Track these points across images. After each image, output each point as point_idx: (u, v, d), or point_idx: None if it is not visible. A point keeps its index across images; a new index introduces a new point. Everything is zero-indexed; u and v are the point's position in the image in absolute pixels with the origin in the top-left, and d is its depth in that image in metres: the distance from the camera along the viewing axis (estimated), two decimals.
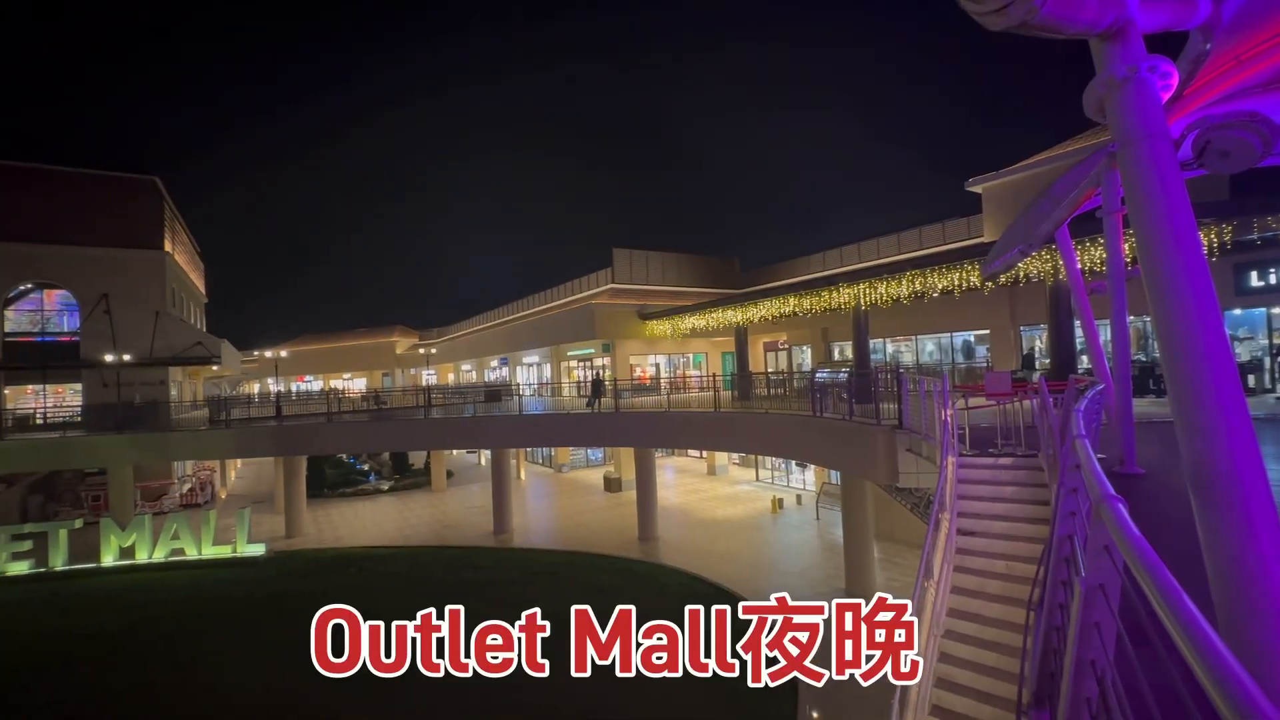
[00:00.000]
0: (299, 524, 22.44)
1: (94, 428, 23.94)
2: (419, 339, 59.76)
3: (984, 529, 7.30)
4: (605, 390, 20.87)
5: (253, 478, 35.82)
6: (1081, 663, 2.08)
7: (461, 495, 28.58)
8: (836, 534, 18.21)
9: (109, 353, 26.19)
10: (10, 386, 26.95)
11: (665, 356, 31.44)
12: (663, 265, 31.37)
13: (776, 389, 20.48)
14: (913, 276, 16.70)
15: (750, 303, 22.67)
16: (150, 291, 28.82)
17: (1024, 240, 8.05)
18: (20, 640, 13.56)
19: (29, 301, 27.68)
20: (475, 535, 21.22)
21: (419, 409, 26.59)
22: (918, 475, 10.23)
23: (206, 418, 25.92)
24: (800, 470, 25.40)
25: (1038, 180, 17.28)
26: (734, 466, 30.66)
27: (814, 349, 25.20)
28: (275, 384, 49.05)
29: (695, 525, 21.11)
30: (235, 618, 14.48)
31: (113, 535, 18.43)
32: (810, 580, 15.58)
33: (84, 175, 28.59)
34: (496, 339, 42.28)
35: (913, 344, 21.93)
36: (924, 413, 9.48)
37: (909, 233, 26.06)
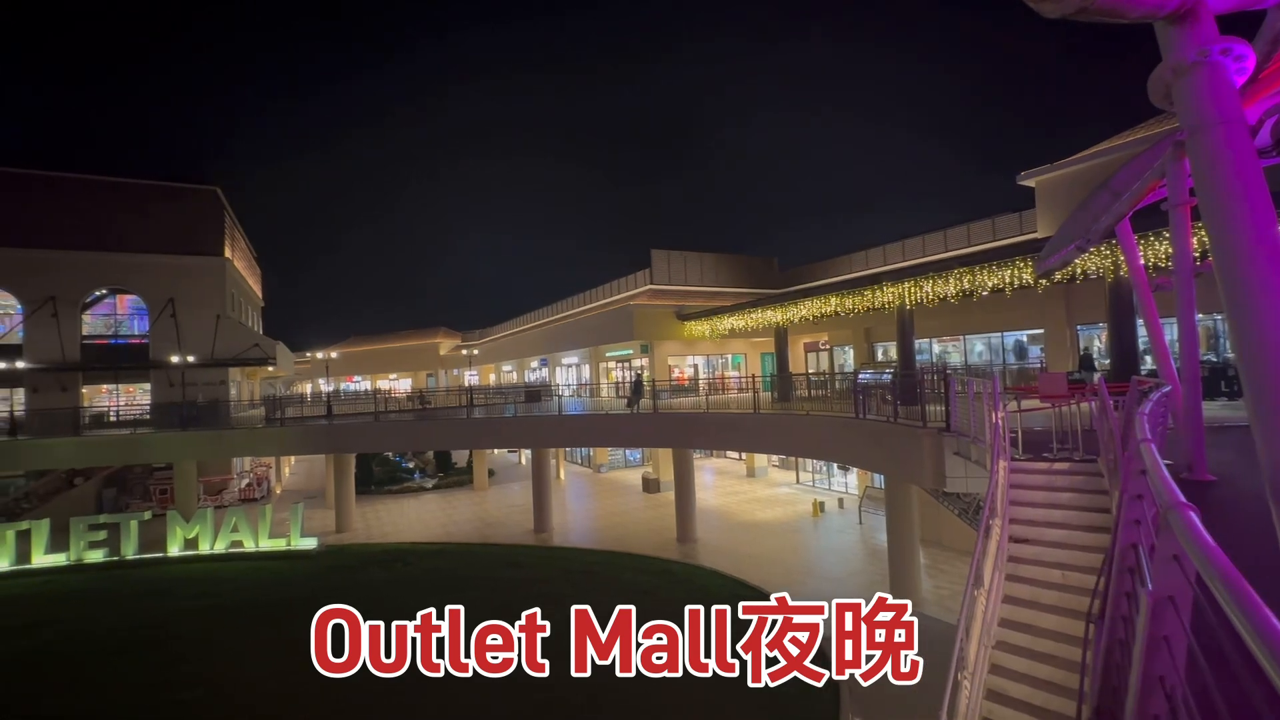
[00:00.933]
0: (349, 519, 23.22)
1: (161, 425, 25.32)
2: (461, 340, 61.08)
3: (1038, 536, 7.02)
4: (645, 391, 20.91)
5: (305, 474, 37.28)
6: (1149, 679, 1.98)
7: (503, 494, 29.07)
8: (880, 539, 17.77)
9: (175, 354, 27.67)
10: (87, 386, 28.75)
11: (703, 357, 31.28)
12: (701, 265, 31.25)
13: (817, 390, 20.13)
14: (961, 274, 16.17)
15: (790, 302, 22.35)
16: (212, 296, 30.34)
17: (1082, 235, 7.70)
18: (97, 625, 14.43)
19: (104, 306, 29.49)
20: (516, 533, 21.55)
21: (462, 409, 27.18)
22: (966, 480, 9.91)
23: (263, 416, 27.09)
24: (842, 473, 24.90)
25: (1095, 172, 16.50)
26: (774, 469, 30.27)
27: (856, 349, 24.65)
28: (326, 384, 50.92)
29: (734, 528, 20.93)
30: (291, 607, 15.07)
31: (178, 527, 19.46)
32: (853, 586, 15.24)
33: (151, 186, 30.31)
34: (536, 340, 42.87)
35: (960, 344, 21.23)
36: (973, 415, 9.17)
37: (956, 229, 25.25)
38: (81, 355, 28.08)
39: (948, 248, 25.04)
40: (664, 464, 26.67)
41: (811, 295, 21.42)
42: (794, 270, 33.80)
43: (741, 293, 30.87)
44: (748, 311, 24.61)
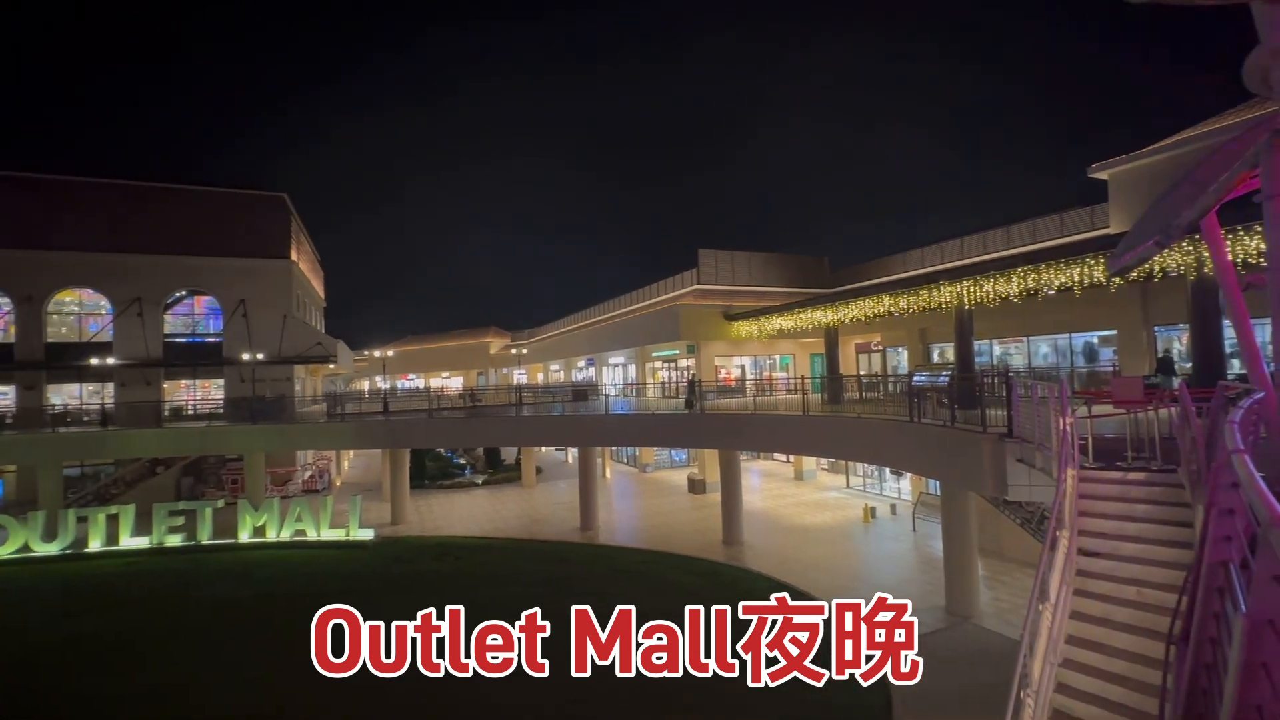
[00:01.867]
0: (403, 512, 24.04)
1: (233, 419, 26.85)
2: (511, 340, 62.33)
3: (1110, 550, 6.63)
4: (701, 391, 20.77)
5: (363, 468, 38.80)
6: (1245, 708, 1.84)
7: (550, 491, 29.50)
8: (935, 547, 17.15)
9: (245, 352, 29.29)
10: (167, 381, 30.78)
11: (751, 358, 30.91)
12: (749, 265, 30.89)
13: (869, 392, 19.59)
14: (1024, 273, 15.42)
15: (841, 302, 21.84)
16: (279, 297, 31.97)
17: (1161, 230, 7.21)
18: (180, 605, 15.44)
19: (183, 307, 31.51)
20: (563, 530, 21.83)
21: (511, 407, 27.76)
22: (1030, 488, 9.44)
23: (325, 412, 28.38)
24: (895, 478, 24.15)
25: (1177, 163, 15.44)
26: (823, 472, 29.64)
27: (911, 351, 23.86)
28: (383, 381, 52.89)
29: (782, 531, 20.60)
30: (351, 594, 15.68)
31: (247, 515, 20.60)
32: (906, 595, 14.71)
33: (225, 194, 32.21)
34: (583, 340, 43.31)
35: (1024, 346, 20.25)
36: (1038, 420, 8.73)
37: (1020, 225, 24.11)
38: (163, 352, 30.08)
39: (1010, 245, 23.93)
40: (710, 465, 26.49)
41: (864, 295, 20.87)
42: (845, 270, 33.00)
43: (791, 293, 30.36)
44: (797, 312, 24.18)
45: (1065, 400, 7.46)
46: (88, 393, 29.60)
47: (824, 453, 22.97)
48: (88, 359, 27.81)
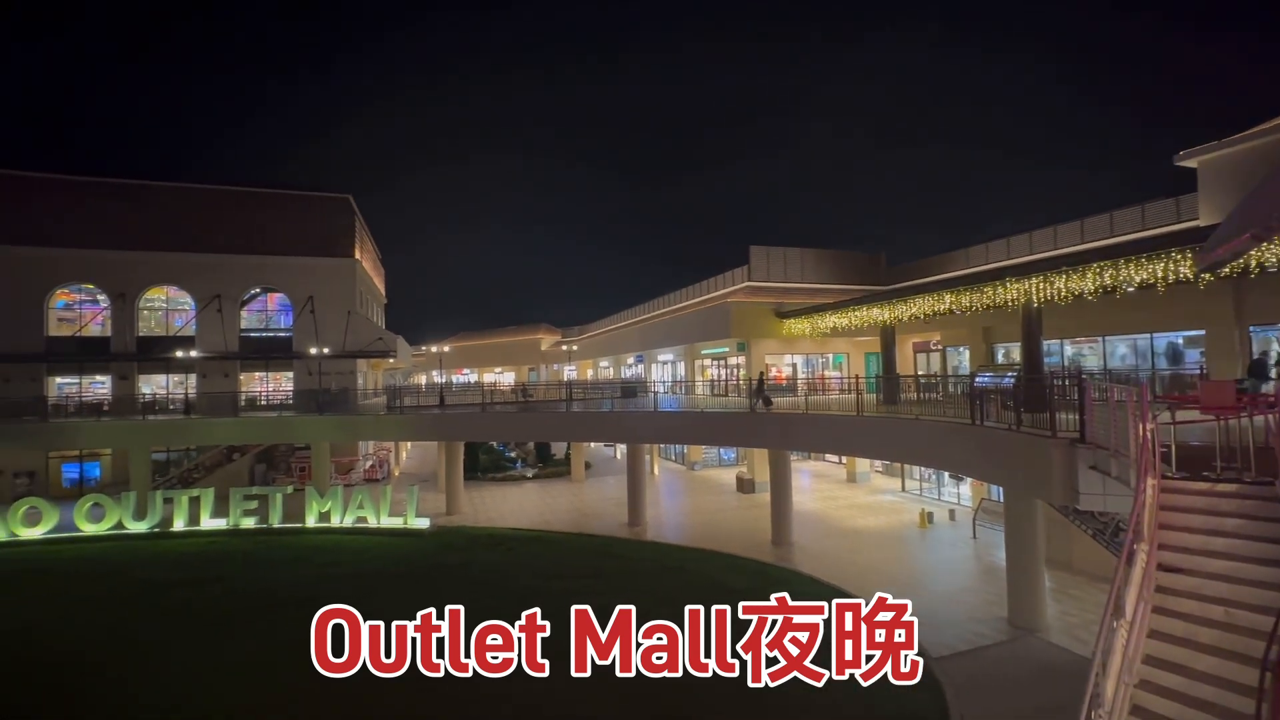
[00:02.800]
0: (457, 503, 24.79)
1: (301, 410, 28.33)
2: (561, 336, 63.25)
3: (1196, 566, 6.18)
4: (769, 389, 20.34)
5: (419, 459, 40.20)
6: None
7: (598, 486, 29.79)
8: (997, 556, 16.41)
9: (313, 346, 30.82)
10: (243, 373, 32.74)
11: (803, 356, 30.32)
12: (802, 261, 30.28)
13: (928, 393, 18.89)
14: (1101, 268, 14.50)
15: (899, 300, 21.12)
16: (343, 294, 33.49)
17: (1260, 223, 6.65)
18: (254, 583, 16.42)
19: (257, 303, 33.43)
20: (611, 525, 22.00)
21: (561, 403, 28.17)
22: (1105, 498, 8.90)
23: (385, 404, 29.55)
24: (954, 482, 23.22)
25: (1275, 149, 14.19)
26: (877, 474, 28.80)
27: (973, 350, 22.84)
28: (439, 376, 54.63)
29: (833, 533, 20.14)
30: (407, 579, 16.37)
31: (314, 501, 21.69)
32: (965, 605, 14.19)
33: (295, 195, 33.95)
34: (632, 337, 43.49)
35: (1098, 346, 19.06)
36: (1114, 425, 8.22)
37: (1096, 218, 22.71)
38: (239, 346, 32.02)
39: (1085, 238, 22.56)
40: (759, 464, 26.15)
41: (923, 292, 20.11)
42: (904, 266, 31.90)
43: (845, 289, 29.57)
44: (852, 309, 23.54)
45: (1145, 405, 6.98)
46: (173, 383, 31.83)
47: (879, 455, 22.34)
48: (173, 352, 29.90)
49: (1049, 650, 11.90)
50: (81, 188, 30.94)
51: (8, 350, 28.49)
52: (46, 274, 29.68)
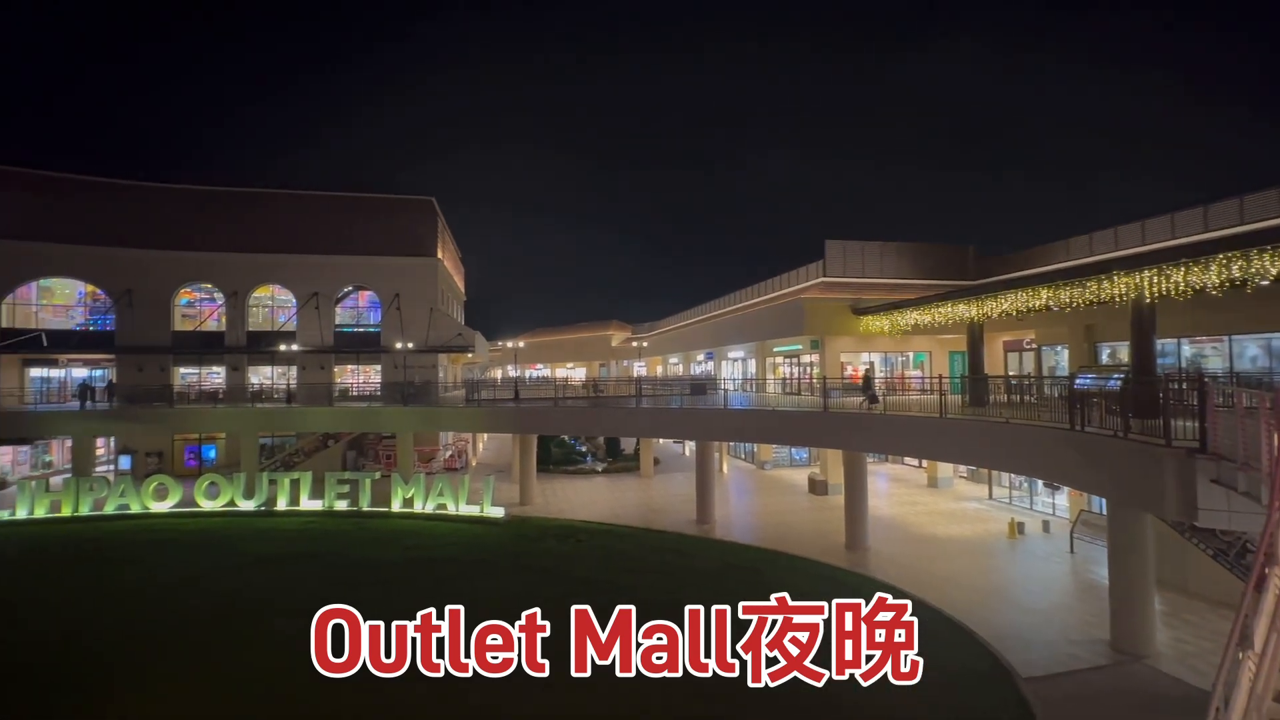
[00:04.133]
0: (530, 494, 25.54)
1: (388, 401, 30.07)
2: (632, 333, 63.77)
3: None
4: (876, 387, 19.57)
5: (495, 450, 41.73)
6: None
7: (667, 482, 29.85)
8: (1098, 574, 15.16)
9: (398, 341, 32.62)
10: (337, 366, 35.12)
11: (881, 355, 29.09)
12: (881, 255, 29.01)
13: (1020, 395, 17.65)
14: (1228, 260, 12.99)
15: (989, 295, 19.82)
16: (426, 292, 35.22)
17: None
18: (346, 560, 17.63)
19: (350, 301, 35.75)
20: (679, 522, 21.99)
21: (631, 399, 28.40)
22: (1229, 515, 8.03)
23: (463, 397, 30.86)
24: (1049, 491, 21.61)
25: None
26: (960, 480, 27.26)
27: (1073, 349, 21.10)
28: (514, 370, 56.46)
29: (911, 540, 19.24)
30: (482, 565, 17.06)
31: (399, 488, 22.97)
32: (1062, 624, 13.18)
33: (383, 199, 36.01)
34: (702, 334, 43.22)
35: (1223, 346, 17.13)
36: (1241, 434, 7.37)
37: (1221, 205, 20.41)
38: (334, 341, 34.36)
39: (1208, 227, 20.34)
40: (833, 465, 25.36)
41: (1016, 287, 18.76)
42: (995, 259, 29.92)
43: (929, 285, 28.09)
44: (935, 305, 22.32)
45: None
46: (277, 374, 34.59)
47: (963, 459, 21.13)
48: (277, 345, 32.48)
49: (1158, 679, 10.86)
50: (206, 196, 34.15)
51: (142, 343, 31.90)
52: (174, 275, 32.97)
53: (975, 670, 11.11)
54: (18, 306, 30.95)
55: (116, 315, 32.05)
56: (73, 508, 22.46)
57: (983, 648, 11.88)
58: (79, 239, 31.17)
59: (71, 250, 31.12)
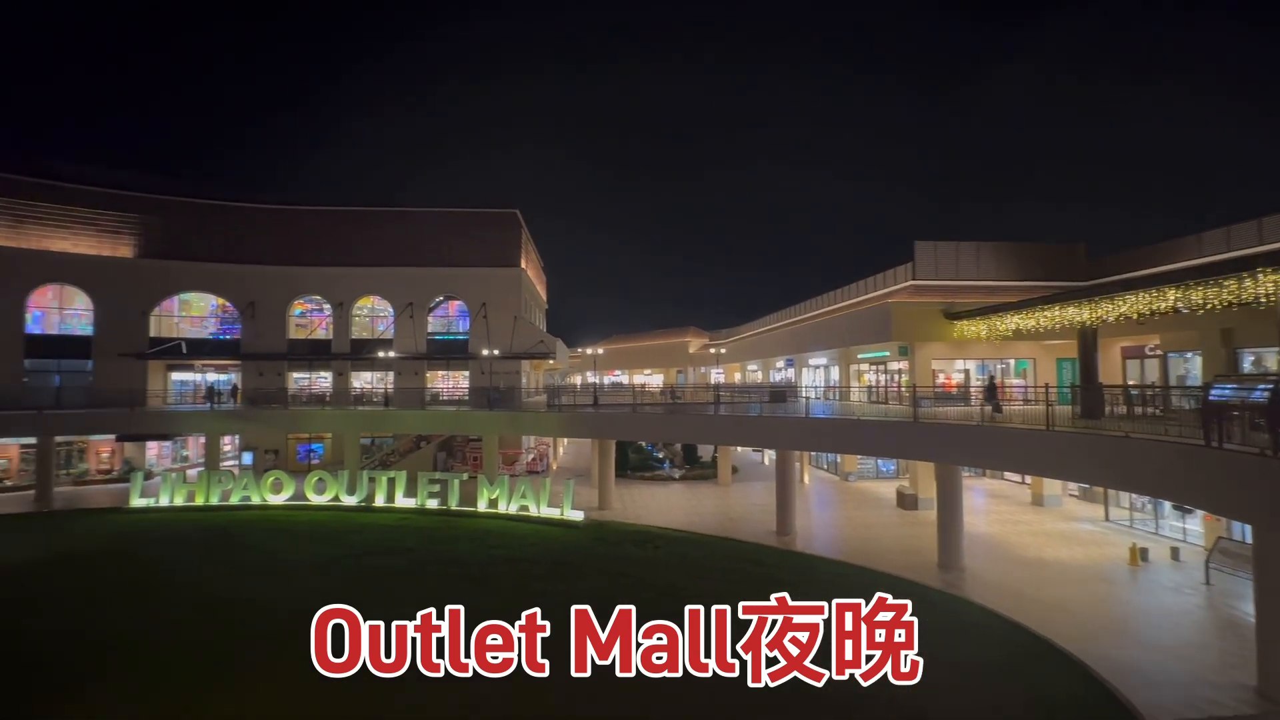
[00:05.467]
0: (608, 498, 25.87)
1: (475, 405, 31.46)
2: (709, 339, 63.35)
3: None
4: (999, 395, 18.60)
5: (574, 454, 42.62)
6: None
7: (745, 491, 29.33)
8: (1240, 609, 13.45)
9: (485, 348, 34.09)
10: (429, 371, 37.18)
11: (977, 362, 27.29)
12: (977, 256, 27.22)
13: (1142, 407, 15.98)
14: None
15: (1104, 297, 18.12)
16: (510, 301, 36.66)
17: None
18: (436, 556, 18.57)
19: (441, 309, 37.79)
20: (758, 532, 21.53)
21: (708, 405, 28.20)
22: None
23: (545, 402, 31.77)
24: (1178, 515, 19.41)
25: None
26: (1071, 499, 25.04)
27: (1207, 357, 18.87)
28: (593, 377, 57.54)
29: (1013, 562, 17.84)
30: (563, 566, 17.43)
31: (484, 488, 23.94)
32: (1194, 663, 11.75)
33: (472, 213, 37.87)
34: (782, 340, 42.26)
35: None
36: None
37: None
38: (427, 348, 36.41)
39: None
40: (924, 478, 23.99)
41: (1138, 288, 17.05)
42: (1110, 259, 27.33)
43: (1033, 286, 26.02)
44: (1041, 309, 20.69)
45: None
46: (375, 379, 37.08)
47: (1073, 476, 19.38)
48: (377, 352, 34.83)
49: None
50: (315, 215, 37.28)
51: (263, 350, 35.18)
52: (289, 288, 36.16)
53: (1089, 707, 10.14)
54: (162, 318, 34.98)
55: (242, 325, 35.56)
56: (205, 497, 25.05)
57: (1099, 684, 10.81)
58: (212, 257, 34.90)
59: (207, 268, 34.88)
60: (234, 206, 36.38)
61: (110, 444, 32.26)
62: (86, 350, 32.55)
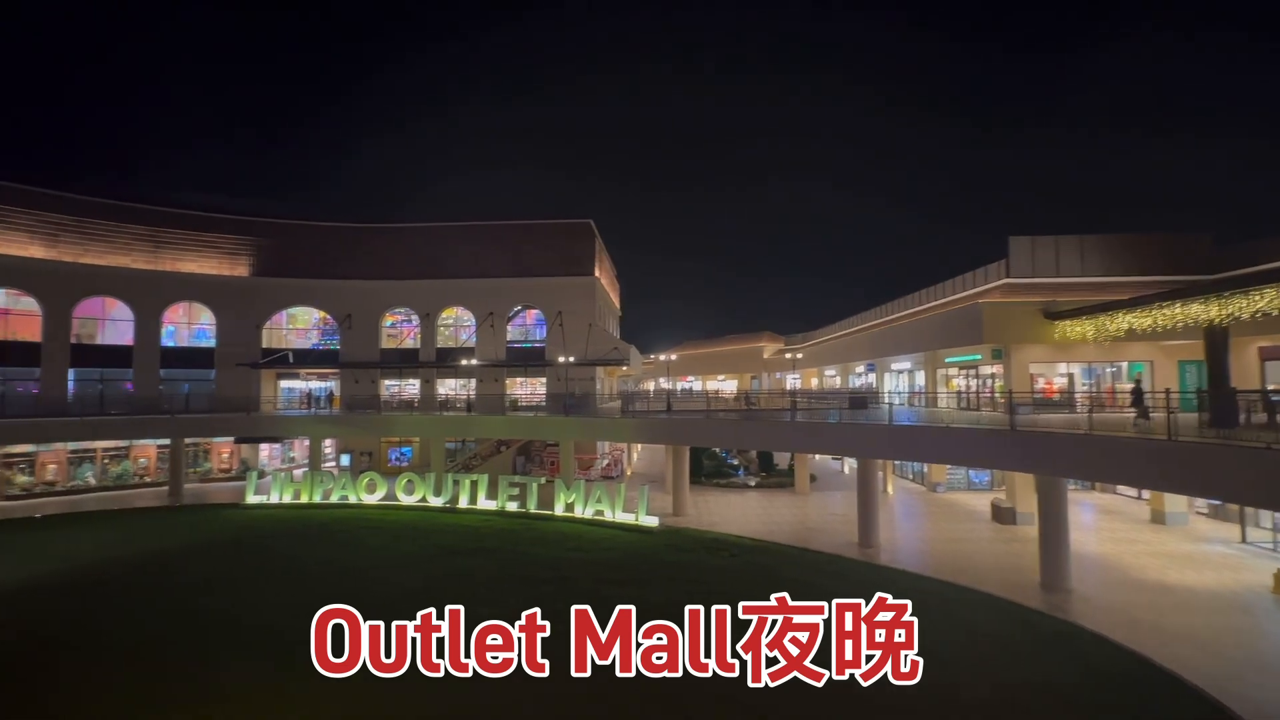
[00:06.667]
0: (682, 505, 25.74)
1: (551, 411, 32.27)
2: (784, 344, 61.92)
3: None
4: (1146, 400, 17.28)
5: (648, 460, 42.77)
6: None
7: (824, 500, 28.37)
8: None
9: (560, 356, 34.92)
10: (508, 378, 38.52)
11: (1083, 365, 25.13)
12: (1080, 251, 25.07)
13: None
14: None
15: (1237, 292, 16.19)
16: (585, 309, 37.38)
17: None
18: (516, 558, 19.14)
19: (519, 319, 39.10)
20: (838, 543, 20.73)
21: (785, 412, 27.51)
22: None
23: (619, 408, 32.12)
24: None
25: None
26: (1199, 517, 22.51)
27: None
28: (666, 383, 57.60)
29: (1129, 586, 16.19)
30: (639, 571, 17.47)
31: (561, 492, 24.46)
32: None
33: (548, 224, 39.01)
34: (862, 344, 40.64)
35: None
36: None
37: None
38: (506, 355, 37.75)
39: None
40: (1022, 491, 22.31)
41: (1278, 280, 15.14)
42: (1239, 247, 24.41)
43: (1148, 281, 23.65)
44: (1159, 306, 18.76)
45: None
46: (458, 386, 38.83)
47: (1201, 491, 17.38)
48: (460, 360, 36.48)
49: None
50: (401, 232, 39.67)
51: (358, 359, 37.72)
52: (381, 301, 38.62)
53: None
54: (273, 330, 38.25)
55: (340, 336, 38.29)
56: (309, 496, 27.07)
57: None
58: (314, 274, 37.86)
59: (310, 284, 37.88)
60: (332, 227, 39.32)
61: (229, 445, 35.56)
62: (210, 361, 36.12)
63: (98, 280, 33.23)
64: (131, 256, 34.24)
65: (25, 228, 31.36)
